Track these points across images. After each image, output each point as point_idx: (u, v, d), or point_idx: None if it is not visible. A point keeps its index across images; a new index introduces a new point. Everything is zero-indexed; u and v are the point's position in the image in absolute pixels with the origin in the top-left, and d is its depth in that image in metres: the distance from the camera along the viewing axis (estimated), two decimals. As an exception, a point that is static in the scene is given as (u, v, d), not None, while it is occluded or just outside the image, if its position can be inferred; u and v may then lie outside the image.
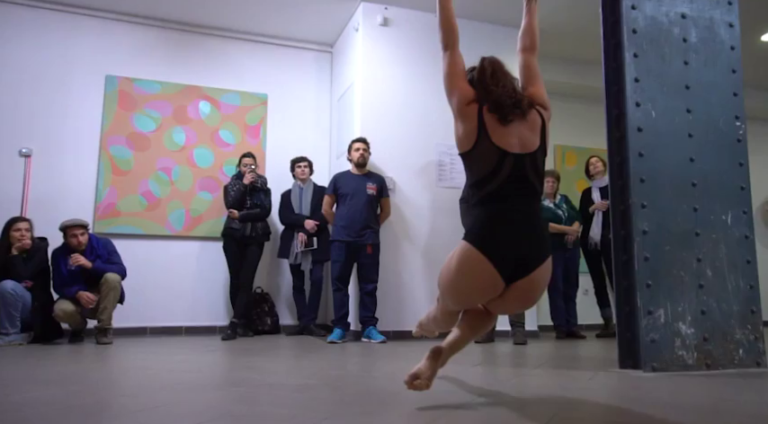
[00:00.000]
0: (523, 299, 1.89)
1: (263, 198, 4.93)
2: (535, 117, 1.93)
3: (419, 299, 4.79)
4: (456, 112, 1.96)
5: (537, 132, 1.91)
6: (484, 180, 1.85)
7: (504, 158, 1.84)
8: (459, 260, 1.83)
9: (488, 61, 2.02)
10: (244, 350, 3.75)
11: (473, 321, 2.01)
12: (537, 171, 1.88)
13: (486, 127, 1.87)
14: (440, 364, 1.92)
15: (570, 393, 2.22)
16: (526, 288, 1.84)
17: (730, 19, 3.15)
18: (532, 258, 1.81)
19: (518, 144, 1.86)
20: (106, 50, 5.18)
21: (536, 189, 1.89)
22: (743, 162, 3.04)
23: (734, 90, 3.09)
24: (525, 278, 1.81)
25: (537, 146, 1.89)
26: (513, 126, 1.87)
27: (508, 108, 1.87)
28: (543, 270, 1.84)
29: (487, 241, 1.80)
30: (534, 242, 1.83)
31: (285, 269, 5.34)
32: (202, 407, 1.89)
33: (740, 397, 2.22)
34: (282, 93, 5.65)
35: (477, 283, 1.83)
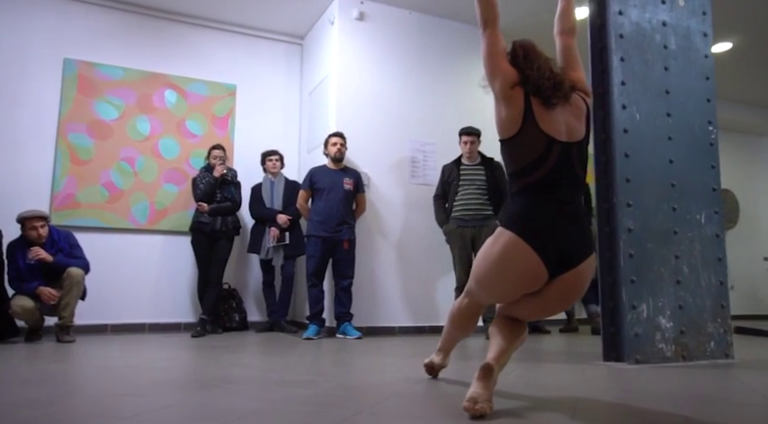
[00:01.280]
0: (567, 294, 1.79)
1: (233, 191, 4.80)
2: (579, 103, 1.85)
3: (393, 295, 4.80)
4: (499, 96, 1.83)
5: (582, 120, 1.84)
6: (528, 168, 1.77)
7: (552, 146, 1.76)
8: (503, 250, 1.75)
9: (519, 44, 1.91)
10: (221, 347, 3.65)
11: (508, 331, 1.88)
12: (582, 161, 1.82)
13: (533, 111, 1.78)
14: (493, 382, 1.75)
15: (573, 387, 2.29)
16: (572, 282, 1.76)
17: (705, 29, 3.31)
18: (578, 250, 1.75)
19: (565, 131, 1.79)
20: (65, 32, 4.89)
21: (580, 179, 1.82)
22: (714, 164, 3.21)
23: (707, 96, 3.25)
24: (572, 270, 1.74)
25: (583, 135, 1.83)
26: (558, 111, 1.79)
27: (548, 90, 1.78)
28: (590, 264, 1.77)
29: (533, 231, 1.72)
30: (580, 233, 1.77)
31: (253, 265, 5.23)
32: (216, 406, 1.83)
33: (723, 386, 2.35)
34: (251, 85, 5.52)
35: (519, 274, 1.75)
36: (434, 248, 4.87)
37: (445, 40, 5.31)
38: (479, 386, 1.70)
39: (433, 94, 5.19)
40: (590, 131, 1.86)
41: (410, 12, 5.18)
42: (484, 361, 1.77)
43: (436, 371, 2.37)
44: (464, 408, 1.64)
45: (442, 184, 4.65)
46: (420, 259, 4.92)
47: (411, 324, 4.81)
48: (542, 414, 1.75)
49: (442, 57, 5.28)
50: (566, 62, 1.97)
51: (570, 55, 1.99)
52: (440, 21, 5.30)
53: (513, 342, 1.86)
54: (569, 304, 1.89)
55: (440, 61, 5.26)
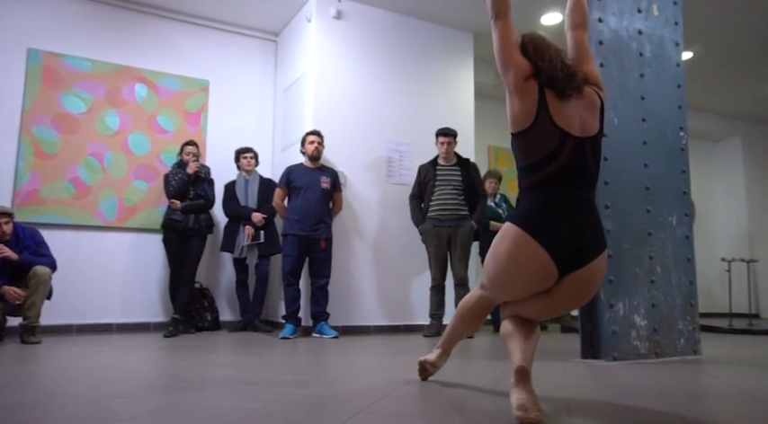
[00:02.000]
0: (580, 292, 1.76)
1: (206, 188, 4.72)
2: (593, 96, 1.82)
3: (368, 294, 4.81)
4: (512, 88, 1.78)
5: (596, 114, 1.80)
6: (540, 162, 1.73)
7: (566, 140, 1.72)
8: (510, 247, 1.72)
9: (528, 37, 1.87)
10: (197, 347, 3.58)
11: (523, 330, 1.84)
12: (596, 156, 1.79)
13: (546, 104, 1.73)
14: (532, 384, 1.69)
15: (560, 384, 2.35)
16: (584, 279, 1.72)
17: (677, 38, 3.45)
18: (590, 247, 1.71)
19: (579, 125, 1.75)
20: (29, 21, 4.70)
21: (594, 175, 1.79)
22: (685, 169, 3.35)
23: (679, 103, 3.39)
24: (583, 268, 1.70)
25: (597, 130, 1.79)
26: (572, 104, 1.76)
27: (562, 81, 1.74)
28: (601, 261, 1.74)
29: (542, 227, 1.69)
30: (592, 230, 1.73)
31: (225, 263, 5.15)
32: (213, 407, 1.80)
33: (700, 381, 2.45)
34: (225, 80, 5.43)
35: (529, 272, 1.72)
36: (410, 247, 4.91)
37: (422, 42, 5.35)
38: (523, 392, 1.63)
39: (409, 95, 5.22)
40: (603, 126, 1.83)
41: (387, 12, 5.20)
42: (515, 365, 1.71)
43: (429, 373, 2.31)
44: (517, 418, 1.57)
45: (419, 184, 4.69)
46: (395, 258, 4.94)
47: (386, 323, 4.82)
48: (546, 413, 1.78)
49: (419, 58, 5.32)
50: (578, 56, 1.93)
51: (582, 49, 1.96)
52: (417, 22, 5.34)
53: (533, 340, 1.83)
54: (582, 303, 1.83)
55: (416, 62, 5.30)
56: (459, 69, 5.51)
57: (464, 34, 5.56)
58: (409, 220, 4.74)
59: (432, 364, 2.29)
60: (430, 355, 2.32)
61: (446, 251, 4.54)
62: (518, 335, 1.82)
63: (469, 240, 4.57)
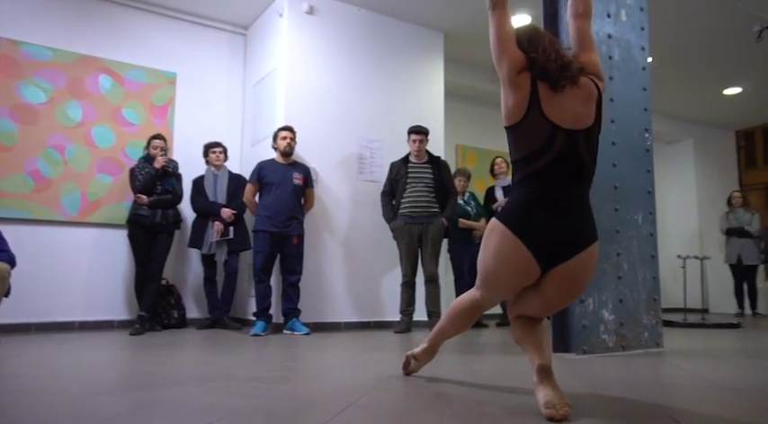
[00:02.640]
0: (568, 287, 1.74)
1: (174, 183, 4.62)
2: (589, 87, 1.77)
3: (339, 291, 4.81)
4: (506, 81, 1.77)
5: (592, 105, 1.75)
6: (530, 156, 1.72)
7: (556, 134, 1.69)
8: (495, 243, 1.74)
9: (523, 28, 1.86)
10: (167, 345, 3.52)
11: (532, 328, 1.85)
12: (591, 149, 1.75)
13: (538, 97, 1.71)
14: (556, 381, 1.68)
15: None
16: (569, 273, 1.70)
17: (642, 43, 3.58)
18: (573, 242, 1.68)
19: (571, 118, 1.71)
20: (-14, 6, 4.50)
21: (588, 169, 1.75)
22: (650, 169, 3.48)
23: (645, 105, 3.52)
24: (565, 263, 1.68)
25: (592, 122, 1.74)
26: (566, 96, 1.72)
27: (555, 72, 1.70)
28: (586, 256, 1.70)
29: (522, 222, 1.69)
30: (576, 225, 1.70)
31: (192, 260, 5.06)
32: (199, 403, 1.78)
33: (667, 372, 2.57)
34: (193, 74, 5.32)
35: (510, 267, 1.73)
36: (380, 244, 4.93)
37: (393, 39, 5.37)
38: (549, 389, 1.63)
39: (381, 92, 5.24)
40: (602, 117, 1.79)
41: (359, 9, 5.20)
42: (536, 364, 1.71)
43: (412, 369, 2.29)
44: (547, 416, 1.55)
45: (390, 181, 4.72)
46: (366, 255, 4.96)
47: (357, 320, 4.84)
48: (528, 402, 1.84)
49: (390, 56, 5.34)
50: (579, 45, 1.89)
51: (583, 38, 1.90)
52: (389, 20, 5.36)
53: (544, 336, 1.83)
54: (573, 297, 1.81)
55: (387, 60, 5.32)
56: (429, 68, 5.56)
57: (435, 33, 5.62)
58: (380, 217, 4.77)
59: (416, 358, 2.27)
60: (416, 349, 2.30)
61: (417, 247, 4.59)
62: (530, 337, 1.82)
63: (440, 237, 4.63)
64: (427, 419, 1.61)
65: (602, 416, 1.63)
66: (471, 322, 2.11)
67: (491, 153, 6.48)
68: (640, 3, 3.62)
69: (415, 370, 2.30)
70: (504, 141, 6.04)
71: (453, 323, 2.12)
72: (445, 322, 2.15)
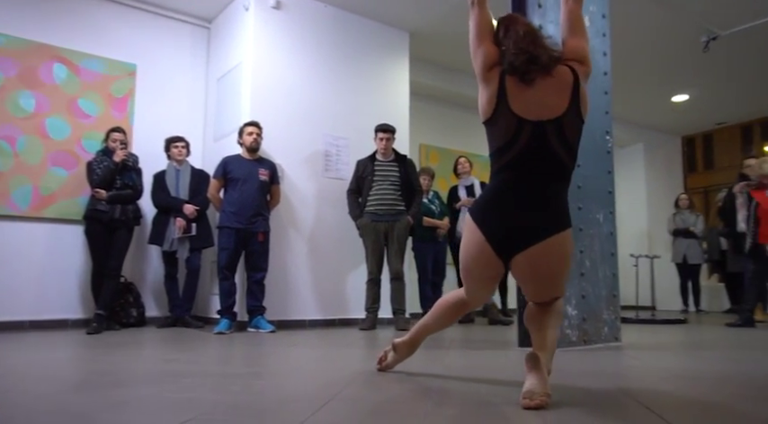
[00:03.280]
0: (529, 276, 1.76)
1: (134, 178, 4.49)
2: (564, 76, 1.74)
3: (304, 288, 4.79)
4: (479, 77, 1.81)
5: (565, 93, 1.72)
6: (500, 150, 1.75)
7: (522, 126, 1.70)
8: (464, 235, 1.83)
9: (502, 18, 1.86)
10: (130, 344, 3.42)
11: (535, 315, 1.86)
12: (564, 138, 1.70)
13: (505, 91, 1.73)
14: (545, 371, 1.68)
15: (509, 369, 2.48)
16: (525, 263, 1.71)
17: (604, 48, 3.71)
18: (529, 232, 1.68)
19: (537, 109, 1.70)
20: (-70, -12, 4.26)
21: (559, 159, 1.71)
22: (610, 170, 3.62)
23: (606, 109, 3.65)
24: (523, 252, 1.69)
25: (563, 110, 1.70)
26: (536, 88, 1.71)
27: (522, 65, 1.70)
28: (546, 246, 1.68)
29: (484, 213, 1.74)
30: (537, 215, 1.69)
31: (151, 257, 4.93)
32: (181, 399, 1.74)
33: (629, 364, 2.69)
34: (153, 66, 5.18)
35: (472, 256, 1.78)
36: (345, 242, 4.93)
37: (359, 37, 5.38)
38: (533, 378, 1.63)
39: (347, 90, 5.24)
40: (581, 103, 1.74)
41: (326, 5, 5.18)
42: (530, 352, 1.74)
43: (388, 364, 2.24)
44: (521, 405, 1.57)
45: (357, 179, 4.73)
46: (331, 252, 4.95)
47: (321, 317, 4.83)
48: (504, 394, 1.89)
49: (356, 54, 5.35)
50: (568, 29, 1.87)
51: (571, 22, 1.86)
52: (355, 18, 5.36)
53: (545, 324, 1.82)
54: (542, 286, 1.80)
55: (353, 58, 5.32)
56: (395, 67, 5.60)
57: (401, 33, 5.66)
58: (345, 214, 4.77)
59: (396, 349, 2.22)
60: (397, 339, 2.24)
61: (383, 245, 4.61)
62: (532, 324, 1.86)
63: (406, 235, 4.67)
64: (413, 409, 1.63)
65: (576, 405, 1.70)
66: (455, 318, 2.12)
67: (454, 152, 6.59)
68: (603, 10, 3.76)
69: (391, 366, 2.26)
70: (467, 141, 6.22)
71: (437, 319, 2.12)
72: (429, 317, 2.15)
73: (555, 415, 1.53)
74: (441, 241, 5.48)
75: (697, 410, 1.68)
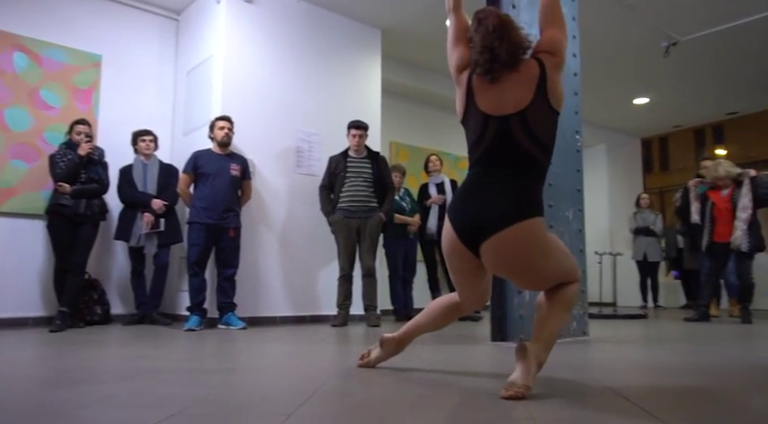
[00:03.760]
0: (494, 266, 1.78)
1: (100, 172, 4.35)
2: (530, 69, 1.75)
3: (275, 285, 4.75)
4: (453, 79, 1.90)
5: (530, 86, 1.72)
6: (472, 147, 1.81)
7: (487, 123, 1.74)
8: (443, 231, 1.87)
9: (476, 12, 1.87)
10: (98, 342, 3.34)
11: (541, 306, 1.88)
12: (529, 131, 1.71)
13: (473, 91, 1.79)
14: (531, 362, 1.69)
15: (485, 363, 2.53)
16: (490, 253, 1.73)
17: (574, 50, 3.81)
18: (492, 221, 1.69)
19: (502, 105, 1.73)
20: None
21: (524, 151, 1.72)
22: (579, 169, 3.72)
23: (575, 109, 3.75)
24: (486, 242, 1.71)
25: (527, 103, 1.71)
26: (501, 84, 1.74)
27: (486, 63, 1.73)
28: (507, 235, 1.68)
29: (453, 207, 1.82)
30: (499, 205, 1.70)
31: (116, 253, 4.81)
32: (160, 395, 1.72)
33: (600, 356, 2.77)
34: (119, 57, 5.04)
35: (446, 250, 1.84)
36: (317, 238, 4.92)
37: (331, 34, 5.36)
38: (518, 370, 1.67)
39: (319, 86, 5.21)
40: (549, 94, 1.73)
41: (298, 1, 5.14)
42: (522, 342, 1.76)
43: (371, 361, 2.20)
44: (500, 394, 1.61)
45: (329, 175, 4.71)
46: (303, 249, 4.93)
47: (292, 314, 4.80)
48: (485, 386, 1.93)
49: (329, 50, 5.33)
50: (542, 19, 1.87)
51: (546, 14, 1.86)
52: (328, 14, 5.34)
53: (545, 314, 1.84)
54: (515, 276, 1.85)
55: (326, 54, 5.30)
56: (367, 64, 5.60)
57: (373, 30, 5.66)
58: (317, 211, 4.76)
59: (382, 344, 2.19)
60: (387, 334, 2.21)
61: (355, 242, 4.61)
62: (537, 313, 1.90)
63: (378, 231, 4.69)
64: (399, 401, 1.65)
65: (558, 396, 1.75)
66: (448, 320, 2.11)
67: (424, 150, 6.64)
68: (573, 12, 3.85)
69: (373, 363, 2.21)
70: (438, 139, 6.29)
71: (430, 320, 2.13)
72: (422, 318, 2.15)
73: (537, 405, 1.57)
74: (411, 238, 5.52)
75: (670, 397, 1.75)
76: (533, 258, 1.75)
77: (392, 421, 1.42)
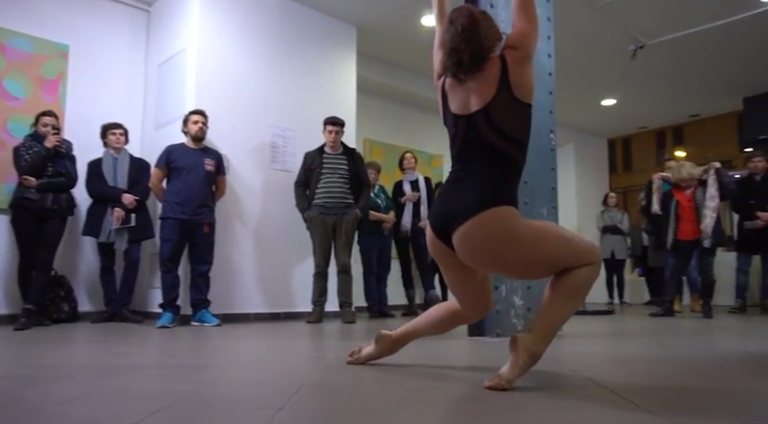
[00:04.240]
0: (465, 255, 1.77)
1: (68, 165, 4.23)
2: (493, 65, 1.76)
3: (249, 281, 4.71)
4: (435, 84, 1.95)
5: (493, 82, 1.74)
6: (450, 147, 1.87)
7: (458, 123, 1.81)
8: None
9: (452, 10, 1.87)
10: (67, 339, 3.25)
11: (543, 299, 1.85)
12: (494, 125, 1.74)
13: (446, 94, 1.86)
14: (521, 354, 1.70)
15: (467, 357, 2.56)
16: (459, 245, 1.75)
17: (549, 50, 3.88)
18: (455, 214, 1.73)
19: (466, 104, 1.79)
20: None
21: (491, 146, 1.74)
22: (554, 167, 3.79)
23: (550, 109, 3.82)
24: (454, 234, 1.74)
25: (489, 99, 1.74)
26: (468, 84, 1.78)
27: (452, 66, 1.78)
28: (471, 224, 1.69)
29: (433, 205, 1.90)
30: (460, 197, 1.73)
31: (84, 248, 4.68)
32: (145, 390, 1.69)
33: (577, 350, 2.83)
34: (88, 47, 4.90)
35: (429, 247, 1.89)
36: (292, 234, 4.89)
37: (307, 30, 5.33)
38: (508, 362, 1.70)
39: (295, 82, 5.18)
40: (513, 86, 1.74)
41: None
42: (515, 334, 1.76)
43: (360, 358, 2.17)
44: (484, 385, 1.65)
45: (305, 171, 4.69)
46: (278, 245, 4.89)
47: (267, 311, 4.76)
48: (468, 377, 1.95)
49: (304, 46, 5.29)
50: (514, 12, 1.86)
51: (516, 9, 1.84)
52: (304, 9, 5.30)
53: (545, 303, 1.82)
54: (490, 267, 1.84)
55: (301, 50, 5.26)
56: (342, 61, 5.59)
57: (348, 26, 5.65)
58: (292, 207, 4.73)
59: (377, 341, 2.16)
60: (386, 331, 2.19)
61: (331, 238, 4.60)
62: (542, 300, 1.87)
63: (354, 228, 4.69)
64: (388, 393, 1.66)
65: (538, 386, 1.78)
66: (447, 325, 2.09)
67: (397, 148, 6.66)
68: (547, 13, 3.91)
69: (362, 360, 2.17)
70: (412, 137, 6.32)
71: (428, 325, 2.11)
72: (420, 320, 2.13)
73: (523, 396, 1.60)
74: (386, 235, 5.54)
75: (646, 386, 1.81)
76: (502, 246, 1.72)
77: (384, 413, 1.43)
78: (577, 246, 1.81)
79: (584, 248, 1.82)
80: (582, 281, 1.80)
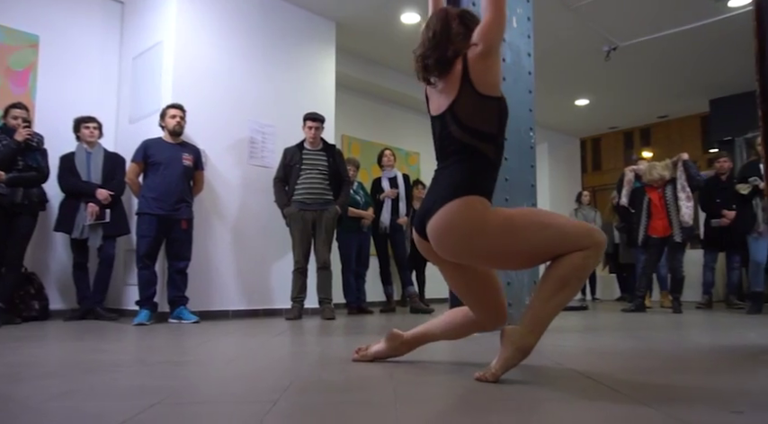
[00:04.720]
0: (439, 248, 1.77)
1: (39, 159, 4.13)
2: (456, 67, 1.78)
3: (227, 278, 4.66)
4: None
5: (455, 81, 1.77)
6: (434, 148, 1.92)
7: (435, 124, 1.88)
8: None
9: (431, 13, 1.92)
10: (39, 337, 3.16)
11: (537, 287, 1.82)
12: (460, 122, 1.76)
13: (428, 100, 1.93)
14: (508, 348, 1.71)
15: (450, 353, 2.58)
16: (431, 238, 1.77)
17: (529, 49, 3.93)
18: (430, 207, 1.76)
19: (438, 106, 1.85)
20: None
21: (458, 141, 1.77)
22: (533, 165, 3.84)
23: (529, 107, 3.87)
24: (427, 229, 1.78)
25: (453, 99, 1.77)
26: (439, 86, 1.83)
27: (421, 72, 1.84)
28: (438, 216, 1.72)
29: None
30: (435, 192, 1.78)
31: (56, 245, 4.57)
32: (132, 386, 1.66)
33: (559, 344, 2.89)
34: (59, 39, 4.77)
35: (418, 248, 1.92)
36: (271, 230, 4.85)
37: (286, 25, 5.29)
38: (498, 355, 1.71)
39: (274, 77, 5.13)
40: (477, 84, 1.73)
41: (253, -12, 5.04)
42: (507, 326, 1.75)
43: (368, 354, 2.12)
44: (475, 377, 1.69)
45: (284, 167, 4.66)
46: (256, 241, 4.84)
47: (245, 308, 4.71)
48: (458, 370, 1.97)
49: (283, 41, 5.25)
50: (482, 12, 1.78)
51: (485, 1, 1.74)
52: (282, 4, 5.26)
53: (535, 293, 1.80)
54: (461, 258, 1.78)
55: (280, 44, 5.22)
56: (321, 57, 5.56)
57: (328, 22, 5.63)
58: (271, 203, 4.69)
59: (389, 339, 2.10)
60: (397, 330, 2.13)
61: (310, 234, 4.58)
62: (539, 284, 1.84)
63: (333, 224, 4.68)
64: (377, 386, 1.67)
65: (526, 377, 1.81)
66: (462, 331, 2.05)
67: (376, 145, 6.67)
68: (528, 13, 3.97)
69: (369, 357, 2.12)
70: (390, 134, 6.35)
71: (441, 328, 2.08)
72: (434, 324, 2.09)
73: (513, 387, 1.63)
74: (365, 231, 5.54)
75: (627, 376, 1.86)
76: (470, 235, 1.69)
77: (379, 405, 1.43)
78: (563, 231, 1.72)
79: (574, 232, 1.71)
80: (572, 269, 1.70)
